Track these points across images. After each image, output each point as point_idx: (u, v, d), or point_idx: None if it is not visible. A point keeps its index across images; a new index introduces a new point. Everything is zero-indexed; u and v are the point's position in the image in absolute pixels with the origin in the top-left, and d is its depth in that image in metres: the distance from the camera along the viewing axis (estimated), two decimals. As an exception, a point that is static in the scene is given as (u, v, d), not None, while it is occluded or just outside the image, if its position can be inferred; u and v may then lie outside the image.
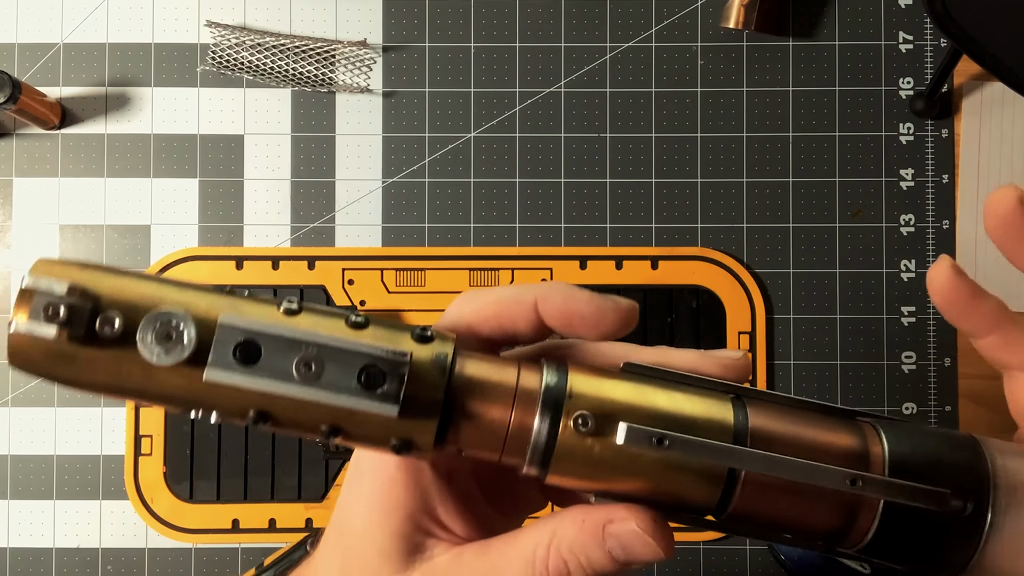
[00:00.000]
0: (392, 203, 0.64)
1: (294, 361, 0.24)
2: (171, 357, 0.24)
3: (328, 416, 0.24)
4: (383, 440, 0.25)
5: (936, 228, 0.64)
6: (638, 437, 0.25)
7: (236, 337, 0.24)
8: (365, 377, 0.24)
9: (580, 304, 0.27)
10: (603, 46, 0.65)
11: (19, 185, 0.64)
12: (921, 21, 0.65)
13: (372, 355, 0.24)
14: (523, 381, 0.26)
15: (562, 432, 0.25)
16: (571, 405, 0.25)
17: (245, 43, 0.64)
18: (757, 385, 0.63)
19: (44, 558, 0.62)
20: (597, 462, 0.25)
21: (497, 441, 0.26)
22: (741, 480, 0.25)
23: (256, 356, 0.24)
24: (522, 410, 0.26)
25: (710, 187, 0.64)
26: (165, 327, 0.24)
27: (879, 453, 0.26)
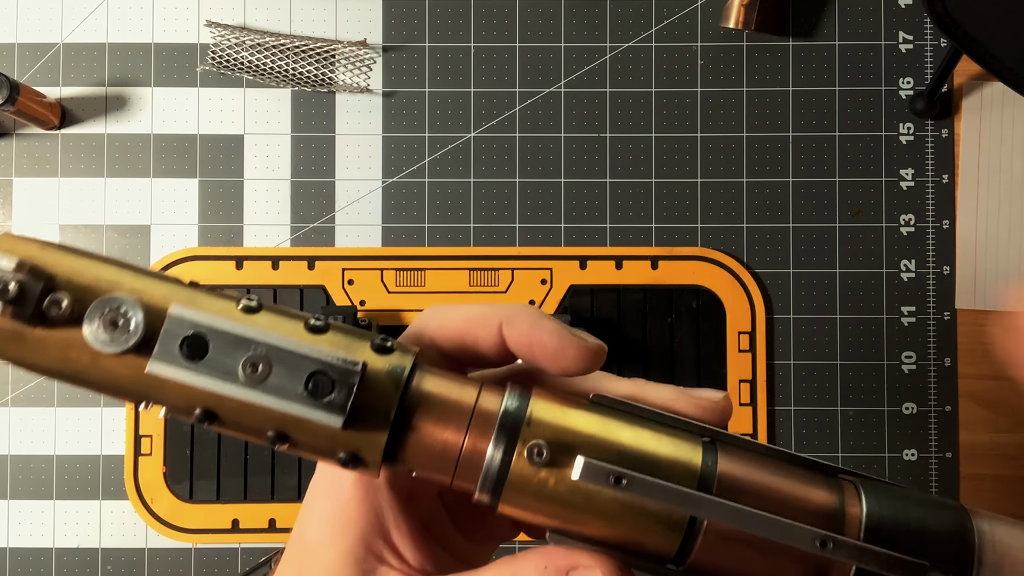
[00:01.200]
0: (392, 203, 0.64)
1: (241, 360, 0.23)
2: (116, 345, 0.23)
3: (274, 421, 0.24)
4: (330, 452, 0.24)
5: (936, 228, 0.64)
6: (595, 473, 0.24)
7: (184, 330, 0.23)
8: (312, 384, 0.23)
9: (544, 334, 0.26)
10: (603, 46, 0.65)
11: (19, 185, 0.64)
12: (921, 21, 0.65)
13: (322, 361, 0.23)
14: (482, 403, 0.25)
15: (516, 459, 0.24)
16: (528, 432, 0.24)
17: (245, 43, 0.64)
18: (757, 387, 0.63)
19: (44, 558, 0.62)
20: (551, 496, 0.24)
21: (448, 463, 0.24)
22: (703, 530, 0.24)
23: (203, 352, 0.23)
24: (477, 433, 0.24)
25: (710, 187, 0.64)
26: (113, 313, 0.23)
27: (856, 515, 0.24)
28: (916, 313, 0.63)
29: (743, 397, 0.63)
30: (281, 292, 0.63)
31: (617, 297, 0.63)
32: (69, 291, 0.23)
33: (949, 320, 0.63)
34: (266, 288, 0.63)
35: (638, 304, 0.63)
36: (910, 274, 0.64)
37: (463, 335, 0.27)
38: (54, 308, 0.23)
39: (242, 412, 0.24)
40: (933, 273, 0.64)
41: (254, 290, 0.63)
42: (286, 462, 0.62)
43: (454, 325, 0.27)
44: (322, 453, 0.24)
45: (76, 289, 0.23)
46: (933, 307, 0.63)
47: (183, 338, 0.23)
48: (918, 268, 0.64)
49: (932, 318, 0.63)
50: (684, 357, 0.63)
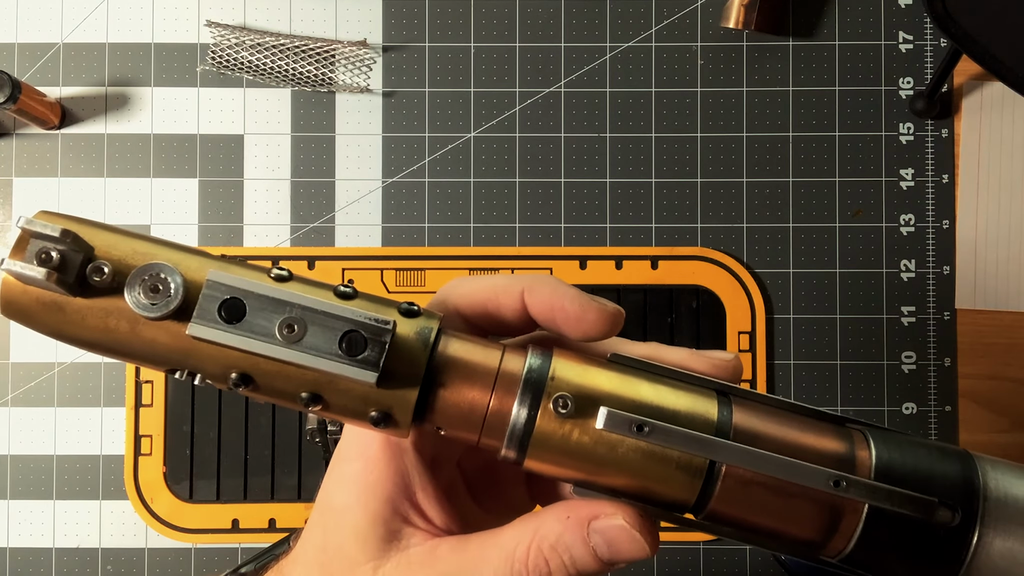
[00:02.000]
0: (392, 203, 0.64)
1: (278, 322, 0.24)
2: (157, 309, 0.24)
3: (308, 382, 0.24)
4: (362, 412, 0.25)
5: (936, 228, 0.64)
6: (618, 423, 0.25)
7: (222, 294, 0.24)
8: (347, 342, 0.24)
9: (565, 300, 0.27)
10: (603, 46, 0.65)
11: (19, 185, 0.64)
12: (921, 21, 0.65)
13: (355, 321, 0.24)
14: (506, 363, 0.26)
15: (541, 414, 0.25)
16: (552, 387, 0.25)
17: (245, 43, 0.64)
18: (757, 387, 0.63)
19: (44, 558, 0.62)
20: (576, 447, 0.25)
21: (476, 421, 0.25)
22: (721, 475, 0.25)
23: (241, 314, 0.24)
24: (503, 391, 0.25)
25: (710, 187, 0.64)
26: (153, 279, 0.24)
27: (866, 458, 0.25)
28: (916, 313, 0.63)
29: (743, 397, 0.63)
30: (281, 292, 0.63)
31: (617, 297, 0.63)
32: (109, 261, 0.24)
33: (949, 320, 0.63)
34: (266, 288, 0.63)
35: (638, 304, 0.63)
36: (910, 274, 0.64)
37: (486, 303, 0.27)
38: (96, 275, 0.24)
39: (278, 374, 0.24)
40: (933, 273, 0.64)
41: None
42: (286, 462, 0.62)
43: (477, 294, 0.28)
44: (354, 414, 0.25)
45: (115, 259, 0.24)
46: (933, 307, 0.63)
47: (221, 302, 0.24)
48: (918, 268, 0.64)
49: (932, 318, 0.63)
50: (684, 357, 0.63)
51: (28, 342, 0.63)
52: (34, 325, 0.24)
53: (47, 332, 0.24)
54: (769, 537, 0.26)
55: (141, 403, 0.62)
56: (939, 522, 0.24)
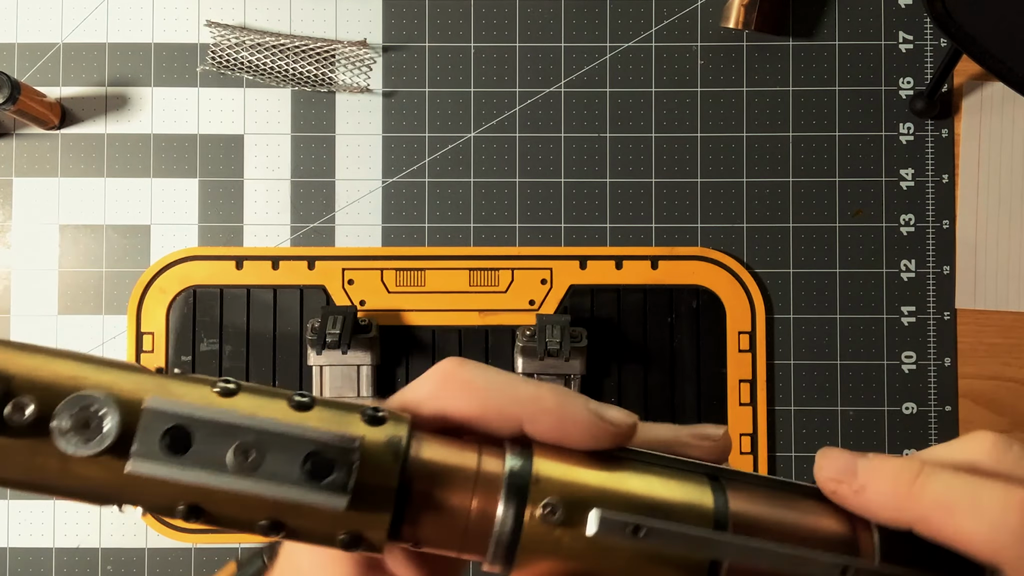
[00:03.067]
0: (392, 203, 0.64)
1: (230, 449, 0.21)
2: (90, 448, 0.21)
3: (268, 510, 0.22)
4: (329, 536, 0.23)
5: (936, 228, 0.64)
6: (612, 526, 0.23)
7: (164, 423, 0.21)
8: (311, 465, 0.22)
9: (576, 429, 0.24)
10: (603, 46, 0.65)
11: (19, 185, 0.64)
12: (921, 21, 0.65)
13: (319, 441, 0.22)
14: (484, 465, 0.24)
15: (528, 522, 0.23)
16: (537, 491, 0.23)
17: (245, 43, 0.64)
18: (758, 390, 0.63)
19: (44, 558, 0.62)
20: (566, 554, 0.23)
21: (457, 533, 0.23)
22: (724, 571, 0.23)
23: (186, 444, 0.21)
24: (484, 497, 0.23)
25: (710, 187, 0.64)
26: (84, 413, 0.21)
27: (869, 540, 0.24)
28: (916, 313, 0.63)
29: (743, 397, 0.63)
30: (281, 292, 0.63)
31: (617, 297, 0.63)
32: (31, 393, 0.21)
33: (949, 320, 0.63)
34: (266, 288, 0.63)
35: (638, 304, 0.63)
36: (910, 274, 0.64)
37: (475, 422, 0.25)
38: (17, 415, 0.21)
39: (233, 503, 0.22)
40: (933, 273, 0.64)
41: (254, 290, 0.63)
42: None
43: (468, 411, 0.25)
44: (321, 539, 0.23)
45: (39, 389, 0.21)
46: (933, 307, 0.64)
47: (163, 431, 0.21)
48: (918, 268, 0.64)
49: (932, 318, 0.63)
50: (684, 357, 0.63)
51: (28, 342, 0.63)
52: None
53: None
54: None
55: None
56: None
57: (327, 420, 0.23)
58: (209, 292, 0.63)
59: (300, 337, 0.62)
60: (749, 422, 0.63)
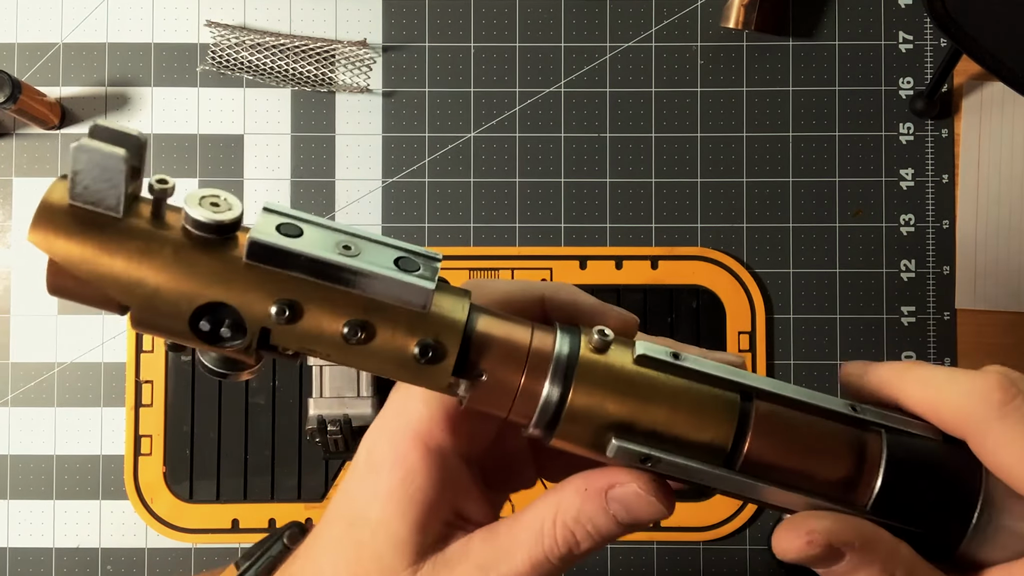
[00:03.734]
0: (392, 203, 0.64)
1: (334, 242, 0.25)
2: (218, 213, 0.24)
3: (357, 308, 0.24)
4: (406, 345, 0.25)
5: (936, 228, 0.64)
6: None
7: (279, 218, 0.25)
8: (401, 262, 0.25)
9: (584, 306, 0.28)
10: (603, 46, 0.65)
11: (19, 185, 0.64)
12: (921, 21, 0.65)
13: (407, 248, 0.25)
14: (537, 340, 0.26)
15: (583, 349, 0.26)
16: (587, 332, 0.26)
17: (245, 43, 0.64)
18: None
19: (44, 558, 0.62)
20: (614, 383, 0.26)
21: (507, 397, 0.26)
22: (753, 415, 0.26)
23: (298, 233, 0.24)
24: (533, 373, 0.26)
25: (710, 187, 0.64)
26: (212, 197, 0.24)
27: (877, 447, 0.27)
28: (916, 313, 0.63)
29: (743, 397, 0.63)
30: (281, 292, 0.63)
31: (617, 297, 0.63)
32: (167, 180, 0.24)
33: (949, 320, 0.63)
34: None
35: (638, 304, 0.63)
36: (910, 274, 0.64)
37: (507, 306, 0.28)
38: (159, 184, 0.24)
39: (324, 299, 0.24)
40: (933, 273, 0.64)
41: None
42: (286, 462, 0.62)
43: (497, 295, 0.28)
44: (398, 349, 0.25)
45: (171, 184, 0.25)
46: (933, 307, 0.64)
47: (279, 224, 0.24)
48: (918, 268, 0.64)
49: (932, 318, 0.63)
50: (684, 357, 0.63)
51: (28, 342, 0.63)
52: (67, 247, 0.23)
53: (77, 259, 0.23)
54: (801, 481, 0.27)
55: (141, 403, 0.62)
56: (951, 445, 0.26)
57: None
58: (209, 292, 0.63)
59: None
60: (749, 422, 0.63)
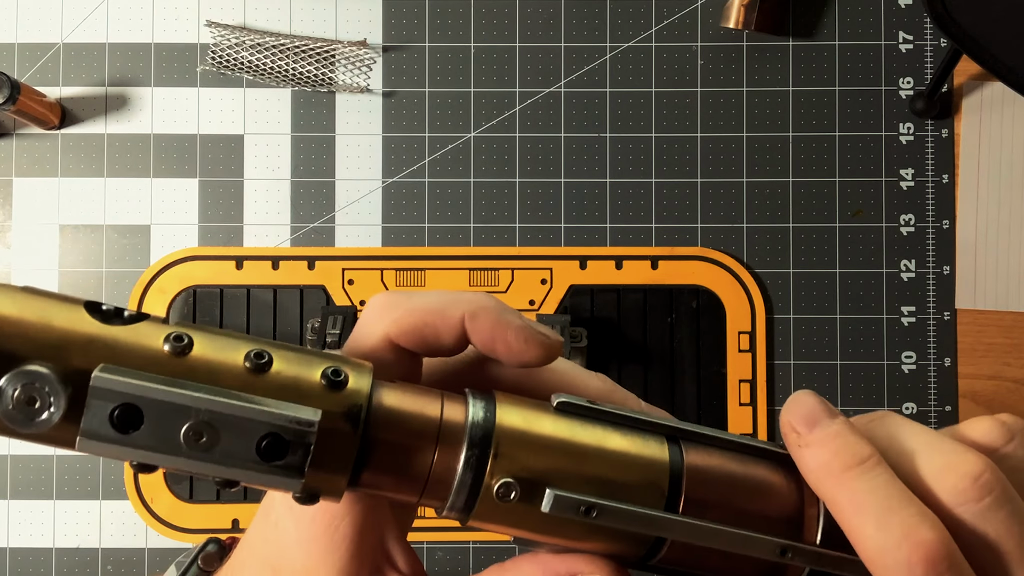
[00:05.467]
0: (392, 203, 0.64)
1: (182, 430, 0.21)
2: (35, 427, 0.20)
3: (223, 478, 0.22)
4: (285, 491, 0.23)
5: (936, 228, 0.64)
6: (565, 506, 0.23)
7: (113, 401, 0.20)
8: (265, 447, 0.21)
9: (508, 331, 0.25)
10: (603, 46, 0.65)
11: (19, 185, 0.64)
12: (921, 21, 0.65)
13: (274, 424, 0.21)
14: (447, 415, 0.24)
15: (482, 496, 0.23)
16: (495, 466, 0.23)
17: (245, 43, 0.64)
18: (757, 387, 0.63)
19: (44, 558, 0.62)
20: (518, 522, 0.24)
21: (416, 485, 0.23)
22: (667, 545, 0.24)
23: (137, 422, 0.21)
24: (446, 452, 0.23)
25: (710, 187, 0.64)
26: (28, 390, 0.20)
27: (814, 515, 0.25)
28: (916, 313, 0.63)
29: (743, 397, 0.63)
30: (281, 292, 0.63)
31: (617, 297, 0.63)
32: None
33: (949, 320, 0.63)
34: (266, 288, 0.63)
35: (638, 304, 0.63)
36: (910, 274, 0.64)
37: (422, 329, 0.25)
38: None
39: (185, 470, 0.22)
40: (933, 273, 0.64)
41: (254, 290, 0.63)
42: (286, 462, 0.62)
43: (412, 319, 0.25)
44: (278, 491, 0.23)
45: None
46: (933, 307, 0.63)
47: (112, 410, 0.20)
48: (918, 268, 0.64)
49: (932, 318, 0.63)
50: (684, 357, 0.63)
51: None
52: None
53: None
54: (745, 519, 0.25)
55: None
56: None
57: (286, 387, 0.22)
58: (209, 292, 0.63)
59: (300, 337, 0.62)
60: (749, 422, 0.63)
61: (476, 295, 0.26)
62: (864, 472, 0.23)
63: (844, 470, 0.23)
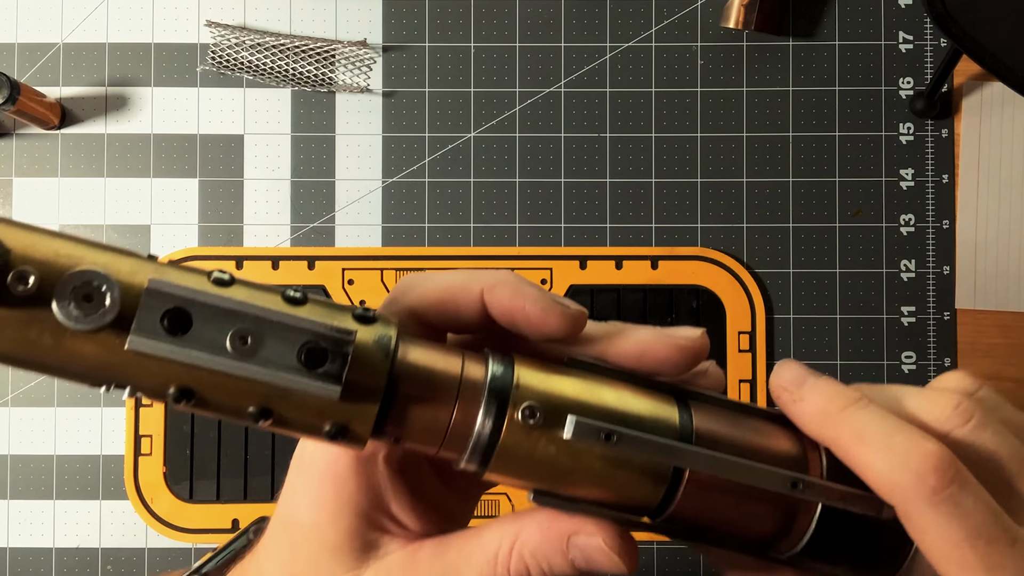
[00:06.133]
0: (392, 203, 0.64)
1: (229, 333, 0.22)
2: (90, 322, 0.21)
3: (260, 396, 0.22)
4: (316, 426, 0.23)
5: (936, 228, 0.64)
6: (586, 432, 0.24)
7: (165, 304, 0.21)
8: (306, 354, 0.22)
9: (527, 301, 0.26)
10: (603, 46, 0.65)
11: (19, 185, 0.64)
12: (921, 21, 0.65)
13: (314, 332, 0.22)
14: (468, 371, 0.24)
15: (507, 425, 0.24)
16: (517, 396, 0.24)
17: (245, 43, 0.64)
18: (758, 387, 0.63)
19: (44, 558, 0.62)
20: (540, 458, 0.24)
21: (437, 433, 0.24)
22: (685, 480, 0.25)
23: (187, 325, 0.21)
24: (466, 401, 0.24)
25: (710, 187, 0.64)
26: (86, 287, 0.21)
27: (817, 459, 0.26)
28: (916, 313, 0.63)
29: (743, 397, 0.63)
30: (281, 292, 0.63)
31: (617, 297, 0.63)
32: (31, 265, 0.21)
33: (949, 320, 0.63)
34: (266, 288, 0.63)
35: (638, 304, 0.63)
36: (910, 274, 0.64)
37: (443, 303, 0.26)
38: (19, 285, 0.21)
39: (223, 387, 0.22)
40: (933, 273, 0.64)
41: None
42: (286, 462, 0.62)
43: (434, 294, 0.26)
44: (307, 428, 0.23)
45: (38, 263, 0.21)
46: (933, 307, 0.64)
47: (164, 312, 0.21)
48: (918, 268, 0.64)
49: (932, 318, 0.63)
50: (684, 357, 0.63)
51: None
52: None
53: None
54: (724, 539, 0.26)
55: (141, 403, 0.62)
56: (887, 518, 0.24)
57: (320, 314, 0.23)
58: (209, 292, 0.63)
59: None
60: (749, 422, 0.63)
61: (496, 271, 0.26)
62: (860, 408, 0.25)
63: (841, 410, 0.25)
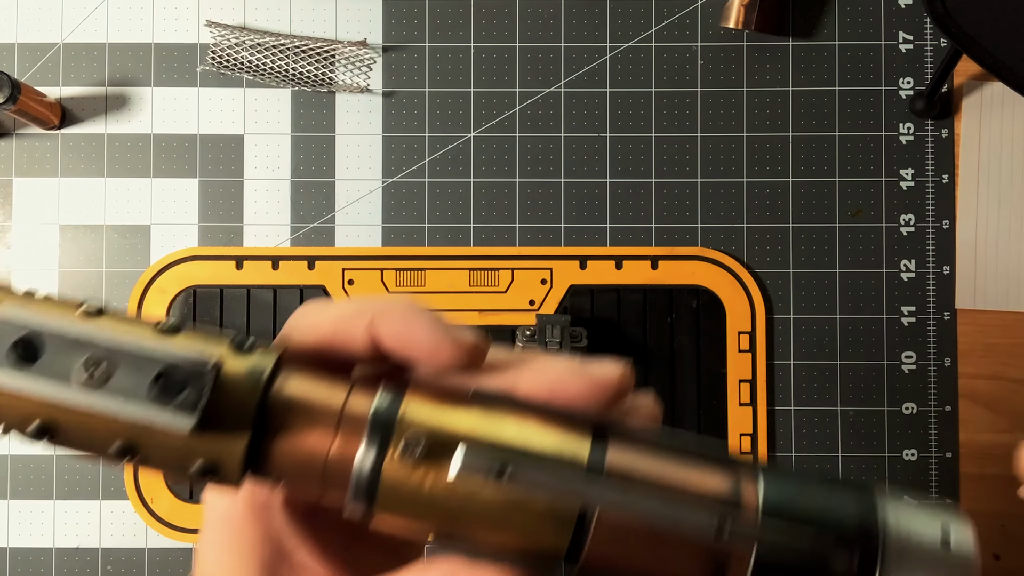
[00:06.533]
0: (392, 203, 0.64)
1: (79, 363, 0.21)
2: None
3: (120, 431, 0.21)
4: (183, 465, 0.22)
5: (936, 228, 0.64)
6: (475, 467, 0.21)
7: (14, 333, 0.21)
8: (161, 384, 0.21)
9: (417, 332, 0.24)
10: (603, 46, 0.65)
11: (19, 185, 0.64)
12: (921, 21, 0.65)
13: (169, 361, 0.21)
14: (352, 403, 0.23)
15: (389, 459, 0.22)
16: (403, 428, 0.22)
17: (245, 43, 0.64)
18: (757, 388, 0.63)
19: (44, 558, 0.62)
20: (429, 497, 0.22)
21: (315, 469, 0.22)
22: (593, 523, 0.22)
23: (35, 355, 0.21)
24: (347, 435, 0.22)
25: (710, 187, 0.64)
26: None
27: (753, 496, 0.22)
28: (916, 313, 0.63)
29: (743, 397, 0.63)
30: (281, 292, 0.63)
31: (617, 297, 0.63)
32: None
33: (949, 320, 0.63)
34: (266, 288, 0.63)
35: (638, 304, 0.63)
36: (910, 274, 0.64)
37: (332, 337, 0.24)
38: None
39: (83, 422, 0.21)
40: (933, 273, 0.64)
41: (254, 290, 0.63)
42: (286, 462, 0.62)
43: (322, 327, 0.24)
44: (175, 468, 0.22)
45: None
46: (933, 307, 0.64)
47: (13, 341, 0.21)
48: (918, 268, 0.64)
49: (932, 318, 0.63)
50: (684, 357, 0.63)
51: (28, 342, 0.63)
52: None
53: None
54: None
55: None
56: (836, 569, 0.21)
57: (189, 345, 0.22)
58: (209, 292, 0.63)
59: (300, 337, 0.62)
60: (749, 422, 0.63)
61: (388, 298, 0.25)
62: None
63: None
